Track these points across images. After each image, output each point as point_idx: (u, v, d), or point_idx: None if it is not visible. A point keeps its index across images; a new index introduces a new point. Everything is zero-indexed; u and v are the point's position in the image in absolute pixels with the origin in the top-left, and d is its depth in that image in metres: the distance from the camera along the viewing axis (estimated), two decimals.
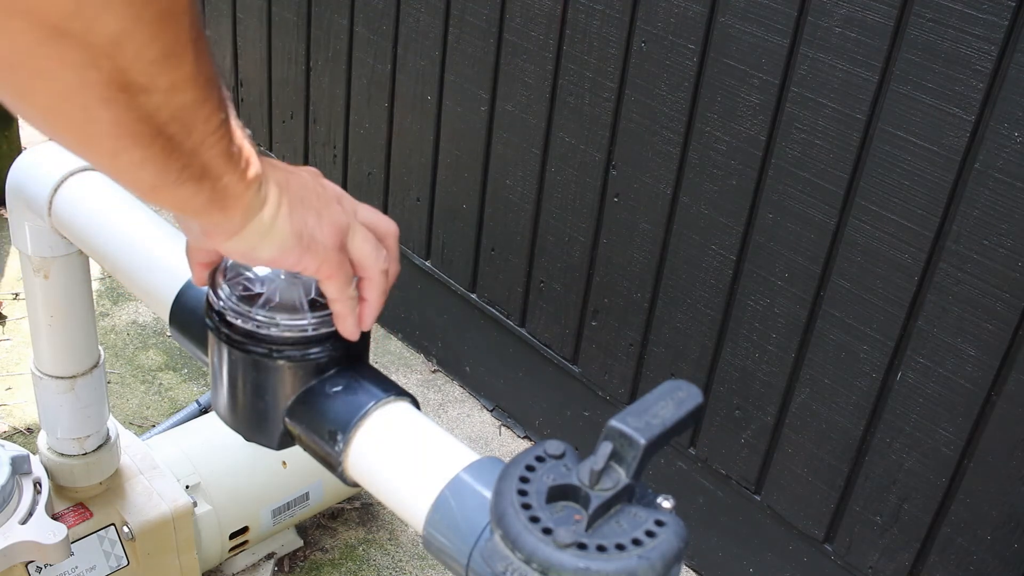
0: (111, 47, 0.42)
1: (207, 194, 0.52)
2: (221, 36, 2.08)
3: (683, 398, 0.54)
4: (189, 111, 0.47)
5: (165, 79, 0.45)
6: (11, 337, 1.84)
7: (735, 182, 1.27)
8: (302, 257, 0.59)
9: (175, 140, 0.47)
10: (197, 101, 0.47)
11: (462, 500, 0.59)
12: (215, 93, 0.49)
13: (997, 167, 1.04)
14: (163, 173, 0.48)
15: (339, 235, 0.61)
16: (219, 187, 0.52)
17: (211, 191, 0.52)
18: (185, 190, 0.50)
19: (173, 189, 0.50)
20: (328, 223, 0.60)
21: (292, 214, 0.58)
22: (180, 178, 0.49)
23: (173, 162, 0.48)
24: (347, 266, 0.62)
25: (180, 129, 0.47)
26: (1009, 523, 1.14)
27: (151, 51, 0.43)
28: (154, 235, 0.87)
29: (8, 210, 1.00)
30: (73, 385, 1.11)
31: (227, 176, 0.52)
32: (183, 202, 0.52)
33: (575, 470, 0.53)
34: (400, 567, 1.51)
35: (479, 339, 1.77)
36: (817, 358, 1.26)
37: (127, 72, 0.43)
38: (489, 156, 1.60)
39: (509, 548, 0.51)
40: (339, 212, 0.62)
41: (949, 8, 1.03)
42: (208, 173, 0.51)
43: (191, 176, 0.50)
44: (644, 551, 0.50)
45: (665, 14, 1.28)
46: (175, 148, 0.48)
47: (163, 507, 1.22)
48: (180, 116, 0.47)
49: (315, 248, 0.60)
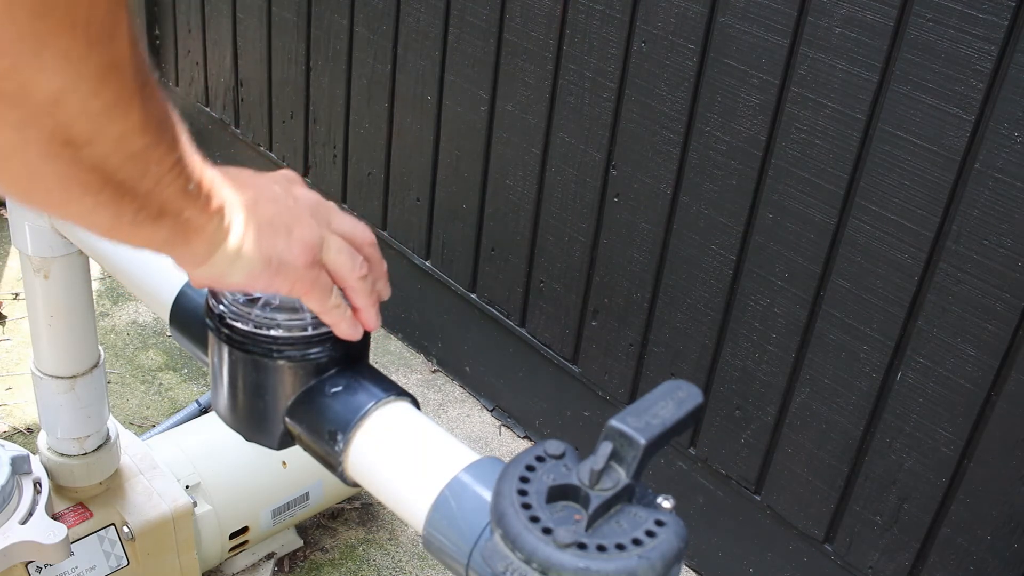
0: (50, 105, 0.40)
1: (167, 231, 0.51)
2: (221, 36, 2.08)
3: (683, 398, 0.54)
4: (139, 157, 0.46)
5: (112, 130, 0.43)
6: (11, 337, 1.84)
7: (735, 182, 1.27)
8: (272, 280, 0.59)
9: (126, 185, 0.46)
10: (147, 146, 0.46)
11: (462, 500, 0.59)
12: (167, 135, 0.47)
13: (997, 167, 1.04)
14: (117, 216, 0.47)
15: (310, 252, 0.60)
16: (180, 222, 0.51)
17: (171, 228, 0.51)
18: (143, 230, 0.49)
19: (130, 230, 0.49)
20: (299, 242, 0.59)
21: (259, 239, 0.57)
22: (136, 219, 0.48)
23: (127, 205, 0.47)
24: (323, 279, 0.61)
25: (131, 174, 0.46)
26: (1009, 523, 1.14)
27: (94, 105, 0.42)
28: None
29: (8, 210, 1.00)
30: (73, 385, 1.11)
31: (187, 211, 0.51)
32: (143, 240, 0.51)
33: (575, 470, 0.53)
34: (400, 567, 1.51)
35: (479, 339, 1.77)
36: (817, 358, 1.26)
37: (70, 127, 0.42)
38: (489, 156, 1.60)
39: (509, 548, 0.51)
40: (310, 227, 0.60)
41: (949, 8, 1.03)
42: (166, 211, 0.50)
43: (148, 216, 0.49)
44: (644, 551, 0.50)
45: (665, 14, 1.28)
46: (127, 192, 0.46)
47: (163, 507, 1.22)
48: (130, 163, 0.45)
49: (285, 271, 0.59)
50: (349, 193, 1.91)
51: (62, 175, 0.43)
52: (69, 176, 0.44)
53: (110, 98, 0.42)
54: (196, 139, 0.52)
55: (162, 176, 0.48)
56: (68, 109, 0.41)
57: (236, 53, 2.06)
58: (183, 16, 2.17)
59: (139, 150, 0.45)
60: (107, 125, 0.43)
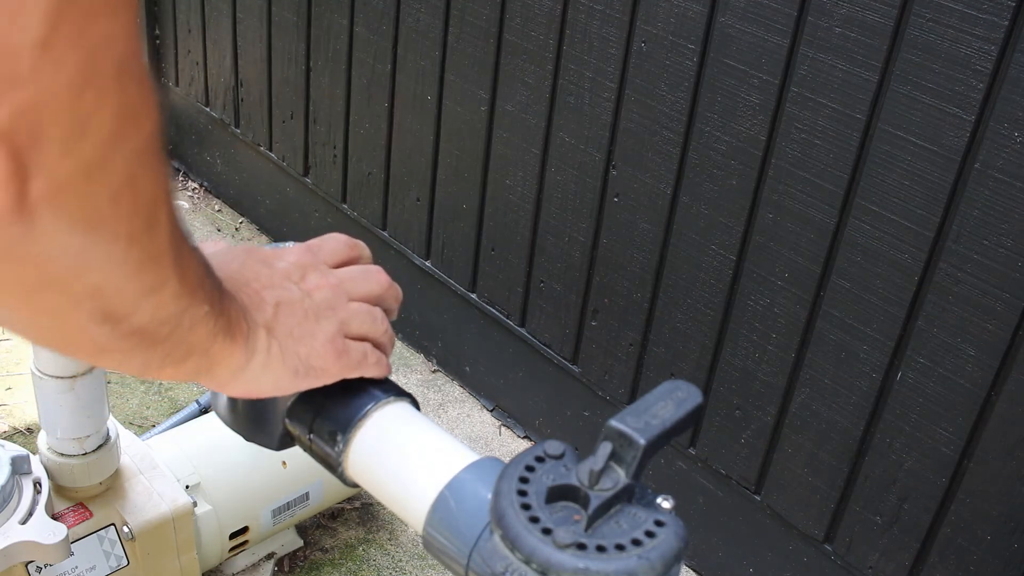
0: (93, 293, 0.42)
1: (193, 366, 0.52)
2: (221, 36, 2.08)
3: (683, 398, 0.54)
4: (175, 318, 0.47)
5: (149, 304, 0.45)
6: (11, 337, 1.84)
7: (735, 182, 1.27)
8: (304, 383, 0.60)
9: (158, 338, 0.47)
10: (183, 309, 0.47)
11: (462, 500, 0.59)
12: (201, 292, 0.49)
13: (997, 167, 1.04)
14: (148, 363, 0.49)
15: (334, 348, 0.61)
16: (206, 358, 0.52)
17: (197, 363, 0.52)
18: (170, 369, 0.51)
19: (158, 371, 0.50)
20: (322, 345, 0.60)
21: (284, 356, 0.58)
22: (164, 363, 0.49)
23: (156, 354, 0.48)
24: (354, 355, 0.62)
25: (167, 333, 0.47)
26: (1009, 523, 1.14)
27: (132, 288, 0.43)
28: None
29: None
30: (73, 385, 1.11)
31: (214, 348, 0.52)
32: (169, 376, 0.52)
33: (575, 470, 0.53)
34: (400, 567, 1.51)
35: (479, 339, 1.77)
36: (817, 358, 1.26)
37: (109, 307, 0.43)
38: (489, 156, 1.60)
39: (509, 548, 0.51)
40: (331, 324, 0.61)
41: (949, 8, 1.03)
42: (193, 352, 0.51)
43: (175, 360, 0.50)
44: (644, 551, 0.50)
45: (665, 14, 1.28)
46: (159, 344, 0.48)
47: (163, 507, 1.22)
48: (165, 324, 0.47)
49: (314, 373, 0.60)
50: (349, 193, 1.91)
51: (101, 343, 0.45)
52: (108, 343, 0.45)
53: (149, 281, 0.44)
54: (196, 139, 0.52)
55: (194, 327, 0.49)
56: (109, 294, 0.42)
57: (236, 53, 2.06)
58: (183, 16, 2.17)
59: (173, 313, 0.47)
60: (145, 301, 0.44)
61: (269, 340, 0.57)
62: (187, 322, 0.48)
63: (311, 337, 0.60)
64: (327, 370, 0.61)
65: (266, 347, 0.57)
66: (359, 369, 0.63)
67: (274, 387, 0.59)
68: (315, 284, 0.62)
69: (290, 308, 0.59)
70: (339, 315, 0.62)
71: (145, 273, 0.43)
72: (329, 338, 0.61)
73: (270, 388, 0.59)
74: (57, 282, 0.40)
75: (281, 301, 0.59)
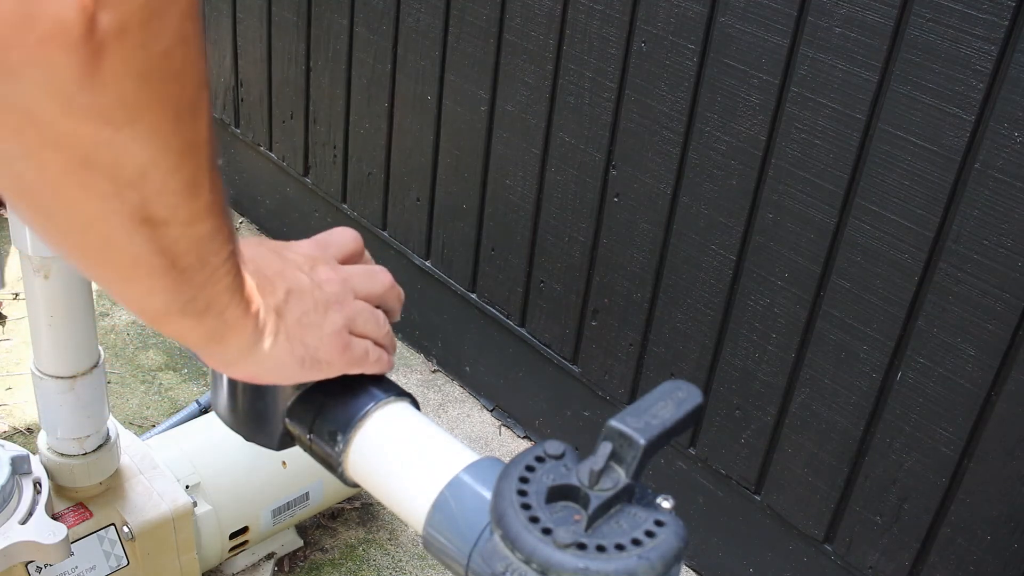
0: (138, 178, 0.42)
1: (208, 327, 0.52)
2: (221, 36, 2.08)
3: (683, 398, 0.54)
4: (204, 243, 0.47)
5: (185, 211, 0.45)
6: (11, 337, 1.84)
7: (735, 182, 1.27)
8: (309, 374, 0.60)
9: (188, 273, 0.47)
10: (211, 232, 0.47)
11: (462, 500, 0.59)
12: (227, 223, 0.49)
13: (997, 167, 1.04)
14: (170, 304, 0.49)
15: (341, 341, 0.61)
16: (221, 320, 0.52)
17: (212, 324, 0.52)
18: (187, 321, 0.51)
19: (177, 319, 0.50)
20: (328, 337, 0.60)
21: (291, 343, 0.58)
22: (185, 310, 0.49)
23: (182, 294, 0.48)
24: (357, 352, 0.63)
25: (194, 261, 0.47)
26: (1009, 523, 1.14)
27: (174, 182, 0.43)
28: None
29: (8, 210, 1.00)
30: (73, 385, 1.11)
31: (229, 311, 0.52)
32: (183, 333, 0.52)
33: (575, 470, 0.53)
34: (400, 567, 1.51)
35: (479, 339, 1.77)
36: (817, 358, 1.26)
37: (149, 204, 0.43)
38: (489, 156, 1.60)
39: (509, 548, 0.51)
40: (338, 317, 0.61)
41: (949, 8, 1.03)
42: (212, 306, 0.51)
43: (195, 309, 0.50)
44: (644, 551, 0.50)
45: (665, 14, 1.28)
46: (186, 281, 0.48)
47: (163, 507, 1.22)
48: (195, 248, 0.47)
49: (319, 366, 0.60)
50: (349, 193, 1.91)
51: (136, 253, 0.45)
52: (141, 255, 0.45)
53: (188, 176, 0.44)
54: None
55: (216, 268, 0.49)
56: (152, 184, 0.42)
57: (236, 53, 2.06)
58: None
59: (204, 234, 0.47)
60: (182, 204, 0.45)
61: (278, 324, 0.57)
62: (213, 261, 0.48)
63: (318, 328, 0.60)
64: (332, 363, 0.61)
65: (274, 330, 0.57)
66: (361, 365, 0.63)
67: (278, 374, 0.59)
68: (325, 277, 0.62)
69: (300, 296, 0.59)
70: (346, 310, 0.62)
71: (187, 162, 0.43)
72: (336, 331, 0.61)
73: (274, 374, 0.59)
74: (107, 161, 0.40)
75: (292, 289, 0.59)
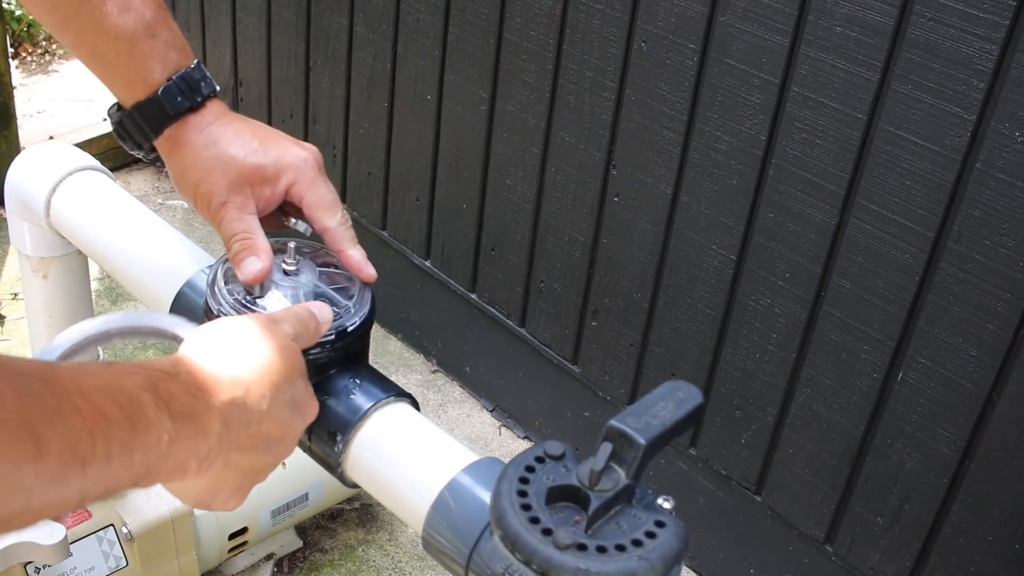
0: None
1: (129, 483, 0.50)
2: (221, 35, 2.08)
3: (683, 398, 0.54)
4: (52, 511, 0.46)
5: (74, 494, 0.45)
6: (11, 337, 1.84)
7: (735, 182, 1.27)
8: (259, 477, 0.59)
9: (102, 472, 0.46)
10: (52, 505, 0.45)
11: (462, 501, 0.59)
12: (75, 479, 0.46)
13: (998, 167, 1.04)
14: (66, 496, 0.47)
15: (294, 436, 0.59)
16: (151, 478, 0.50)
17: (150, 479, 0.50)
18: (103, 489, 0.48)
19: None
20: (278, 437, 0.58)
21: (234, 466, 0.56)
22: (86, 499, 0.48)
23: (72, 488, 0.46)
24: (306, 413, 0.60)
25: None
26: (1010, 524, 1.13)
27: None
28: (153, 235, 0.87)
29: (7, 210, 1.00)
30: None
31: (159, 476, 0.51)
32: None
33: (575, 471, 0.53)
34: (400, 567, 1.50)
35: (479, 339, 1.77)
36: (818, 358, 1.26)
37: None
38: (489, 156, 1.60)
39: (509, 549, 0.50)
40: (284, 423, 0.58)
41: (950, 8, 1.03)
42: (119, 486, 0.49)
43: (101, 494, 0.48)
44: (644, 552, 0.50)
45: (665, 14, 1.28)
46: (103, 472, 0.47)
47: (162, 508, 1.22)
48: (101, 485, 0.46)
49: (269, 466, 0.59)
50: (349, 193, 1.90)
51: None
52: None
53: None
54: None
55: (88, 488, 0.47)
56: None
57: (236, 53, 2.05)
58: (183, 16, 2.17)
59: (99, 486, 0.46)
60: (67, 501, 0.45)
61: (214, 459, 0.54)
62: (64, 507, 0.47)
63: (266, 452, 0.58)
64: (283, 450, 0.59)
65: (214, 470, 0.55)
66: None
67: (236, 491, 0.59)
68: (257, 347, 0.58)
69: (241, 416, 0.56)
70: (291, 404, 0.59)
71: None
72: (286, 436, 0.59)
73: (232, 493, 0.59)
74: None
75: (228, 436, 0.55)
